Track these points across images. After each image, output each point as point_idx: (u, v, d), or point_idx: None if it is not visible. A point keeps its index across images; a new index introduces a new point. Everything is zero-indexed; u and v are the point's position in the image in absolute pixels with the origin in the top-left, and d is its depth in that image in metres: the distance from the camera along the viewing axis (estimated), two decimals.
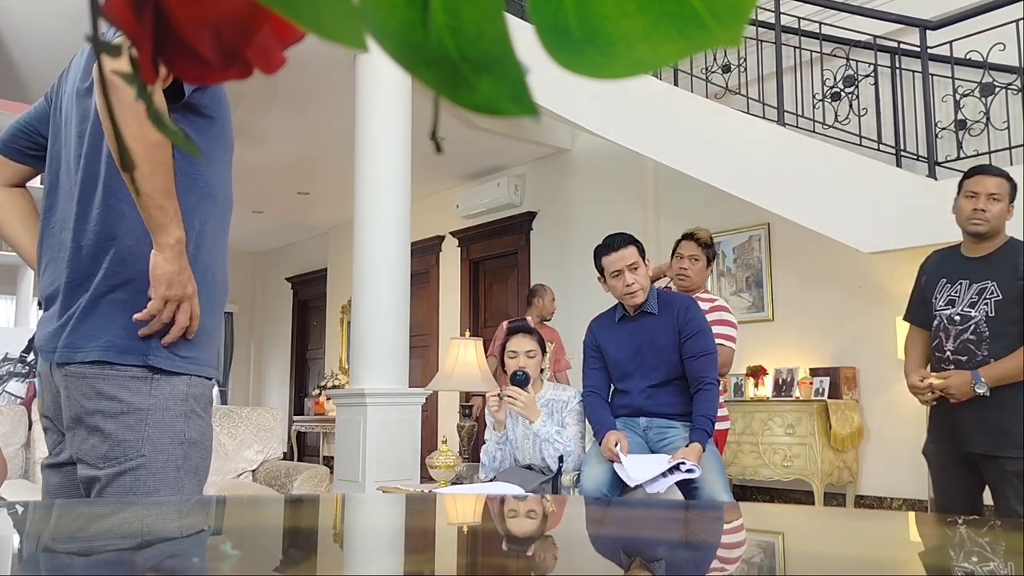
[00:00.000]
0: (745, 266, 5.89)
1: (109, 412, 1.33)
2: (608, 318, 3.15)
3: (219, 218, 1.49)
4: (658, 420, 2.98)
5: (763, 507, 1.60)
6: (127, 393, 1.34)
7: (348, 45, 0.24)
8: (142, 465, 1.33)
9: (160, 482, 1.34)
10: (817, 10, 4.94)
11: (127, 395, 1.34)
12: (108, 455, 1.33)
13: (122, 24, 0.26)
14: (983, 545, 0.69)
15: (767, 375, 5.45)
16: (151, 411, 1.34)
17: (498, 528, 0.82)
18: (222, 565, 0.56)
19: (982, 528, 0.78)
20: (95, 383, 1.34)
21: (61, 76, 1.58)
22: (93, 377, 1.34)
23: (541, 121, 5.93)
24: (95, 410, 1.33)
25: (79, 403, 1.35)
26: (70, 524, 0.78)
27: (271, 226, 10.15)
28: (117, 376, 1.34)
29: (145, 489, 1.33)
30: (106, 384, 1.34)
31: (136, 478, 1.33)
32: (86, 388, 1.34)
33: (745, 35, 0.26)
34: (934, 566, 0.62)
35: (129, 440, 1.33)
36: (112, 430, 1.33)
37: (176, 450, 1.36)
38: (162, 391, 1.35)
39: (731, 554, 0.67)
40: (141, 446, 1.33)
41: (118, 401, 1.33)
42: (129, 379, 1.34)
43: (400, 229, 4.69)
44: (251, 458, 4.52)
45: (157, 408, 1.35)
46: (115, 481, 1.33)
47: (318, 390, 9.25)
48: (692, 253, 3.48)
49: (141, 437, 1.33)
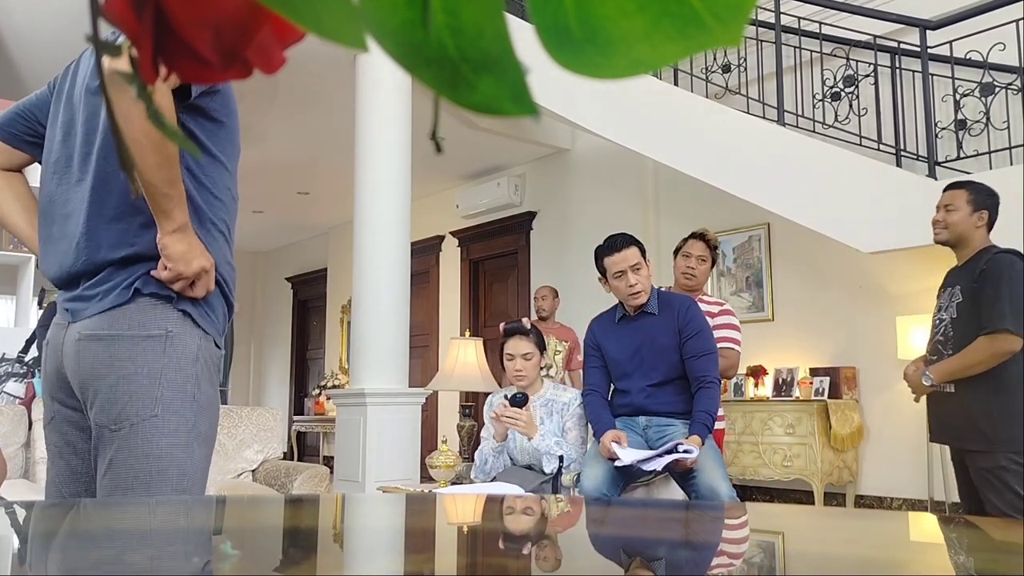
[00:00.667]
0: (745, 266, 5.89)
1: (122, 373, 1.35)
2: (608, 318, 3.15)
3: (231, 219, 1.52)
4: (657, 419, 2.98)
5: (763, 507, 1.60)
6: (140, 353, 1.36)
7: (348, 45, 0.24)
8: (154, 426, 1.35)
9: (172, 444, 1.36)
10: (817, 10, 4.94)
11: (140, 355, 1.36)
12: (120, 416, 1.35)
13: (122, 24, 0.26)
14: (974, 545, 0.70)
15: (767, 375, 5.45)
16: (164, 371, 1.36)
17: (498, 528, 0.82)
18: (222, 565, 0.56)
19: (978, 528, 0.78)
20: (110, 345, 1.36)
21: (68, 68, 1.58)
22: (108, 339, 1.36)
23: (541, 121, 5.93)
24: (108, 372, 1.36)
25: (92, 366, 1.37)
26: (69, 524, 0.78)
27: (271, 226, 10.15)
28: (131, 337, 1.36)
29: (156, 450, 1.35)
30: (120, 345, 1.36)
31: (147, 439, 1.35)
32: (100, 351, 1.36)
33: (745, 35, 0.26)
34: (934, 566, 0.62)
35: (142, 400, 1.35)
36: (124, 390, 1.35)
37: (187, 411, 1.38)
38: (175, 351, 1.38)
39: (731, 554, 0.67)
40: (154, 406, 1.35)
41: (130, 361, 1.35)
42: (144, 339, 1.36)
43: (400, 229, 4.69)
44: (251, 458, 4.51)
45: (170, 368, 1.37)
46: (128, 442, 1.35)
47: (318, 390, 9.25)
48: (700, 253, 3.48)
49: (154, 397, 1.35)
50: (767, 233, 5.74)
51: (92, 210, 1.41)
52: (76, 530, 0.75)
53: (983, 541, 0.72)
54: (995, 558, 0.64)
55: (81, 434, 1.46)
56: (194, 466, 1.39)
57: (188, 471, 1.37)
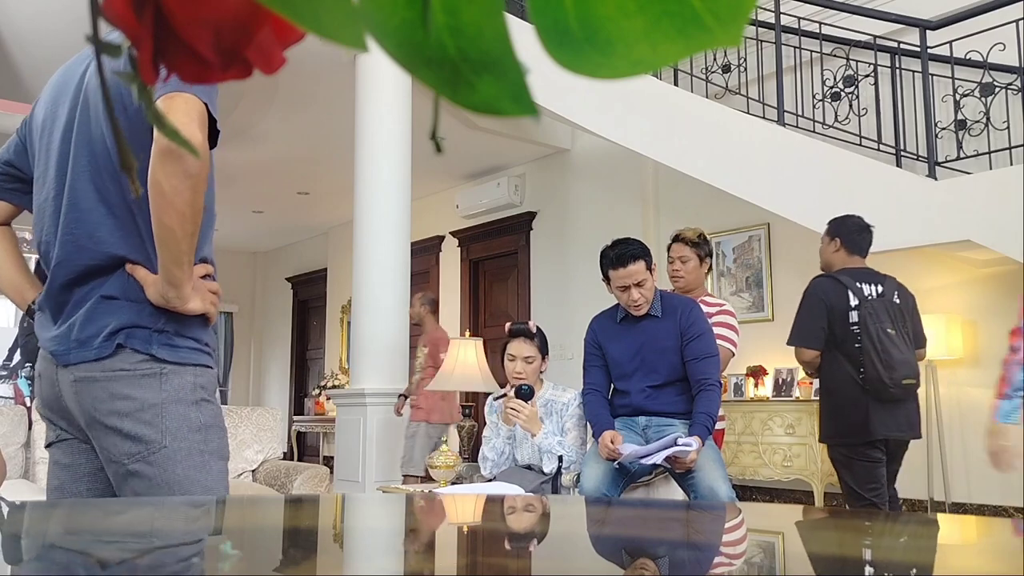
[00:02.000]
0: (745, 266, 5.89)
1: (124, 411, 1.37)
2: (610, 317, 3.14)
3: (209, 227, 1.51)
4: (657, 419, 2.98)
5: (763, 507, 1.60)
6: (139, 390, 1.37)
7: (348, 45, 0.24)
8: (167, 456, 1.37)
9: (188, 468, 1.39)
10: (817, 10, 4.94)
11: (139, 392, 1.37)
12: (131, 451, 1.37)
13: (122, 24, 0.26)
14: (987, 544, 0.70)
15: (767, 375, 5.45)
16: (164, 404, 1.38)
17: (498, 528, 0.82)
18: (222, 565, 0.56)
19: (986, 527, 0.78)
20: (108, 385, 1.37)
21: (35, 106, 1.57)
22: (105, 380, 1.38)
23: (541, 121, 5.93)
24: (111, 411, 1.37)
25: (93, 407, 1.38)
26: (70, 524, 0.78)
27: (271, 226, 10.14)
28: (128, 376, 1.38)
29: (175, 477, 1.37)
30: (118, 384, 1.37)
31: (164, 468, 1.37)
32: (98, 391, 1.38)
33: (745, 35, 0.26)
34: (934, 565, 0.62)
35: (149, 434, 1.37)
36: (131, 427, 1.37)
37: (195, 436, 1.40)
38: (172, 384, 1.39)
39: (731, 554, 0.67)
40: (163, 438, 1.37)
41: (131, 399, 1.37)
42: (140, 377, 1.38)
43: (400, 229, 4.70)
44: (251, 458, 4.52)
45: (169, 400, 1.39)
46: (145, 472, 1.37)
47: (318, 390, 9.25)
48: (681, 254, 3.49)
49: (161, 429, 1.37)
50: (767, 233, 5.74)
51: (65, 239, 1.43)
52: (76, 531, 0.75)
53: (984, 541, 0.72)
54: (995, 559, 0.64)
55: (83, 445, 1.47)
56: (214, 479, 1.42)
57: (210, 485, 1.40)
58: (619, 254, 2.98)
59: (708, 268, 3.58)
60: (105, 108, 1.40)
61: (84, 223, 1.41)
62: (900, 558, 0.64)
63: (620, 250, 3.00)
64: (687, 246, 3.48)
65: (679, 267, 3.49)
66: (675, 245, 3.52)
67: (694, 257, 3.48)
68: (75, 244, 1.42)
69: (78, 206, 1.42)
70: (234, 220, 9.71)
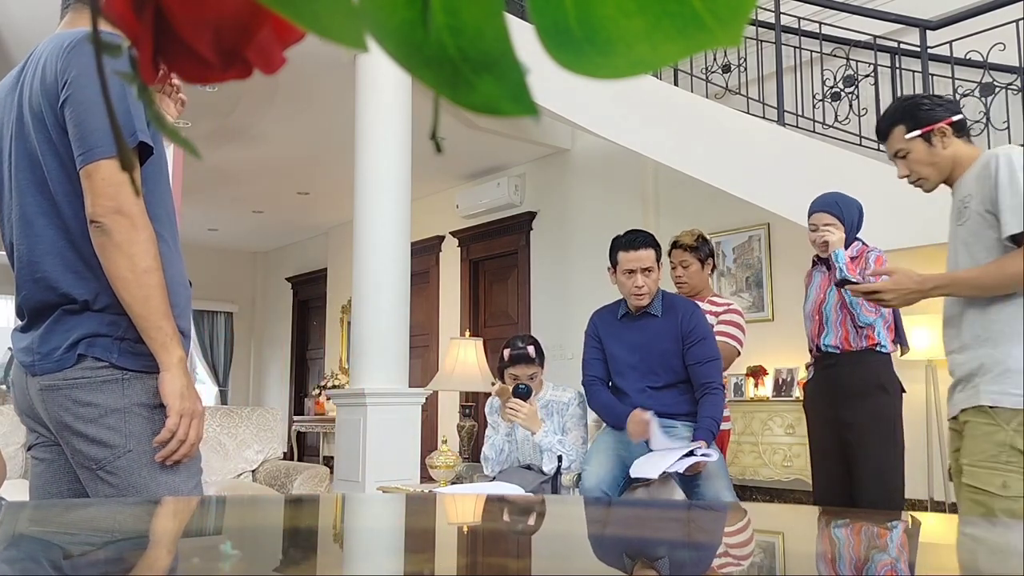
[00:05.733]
0: (745, 266, 5.89)
1: (88, 417, 1.40)
2: (611, 313, 3.13)
3: (170, 234, 1.50)
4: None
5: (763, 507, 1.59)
6: (101, 396, 1.40)
7: (348, 45, 0.24)
8: (132, 459, 1.40)
9: (154, 470, 1.41)
10: (817, 10, 4.94)
11: (102, 398, 1.40)
12: (97, 456, 1.40)
13: (122, 24, 0.26)
14: (992, 544, 0.70)
15: (767, 375, 5.44)
16: (127, 409, 1.41)
17: (498, 528, 0.82)
18: (222, 565, 0.56)
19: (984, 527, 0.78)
20: (70, 392, 1.40)
21: None
22: (67, 388, 1.40)
23: (541, 121, 5.93)
24: (76, 417, 1.40)
25: (59, 414, 1.41)
26: (66, 524, 0.78)
27: (271, 226, 10.14)
28: (89, 383, 1.40)
29: (141, 480, 1.40)
30: (80, 392, 1.40)
31: (130, 471, 1.40)
32: (62, 399, 1.41)
33: (745, 35, 0.26)
34: (935, 566, 0.62)
35: (113, 439, 1.40)
36: (95, 432, 1.40)
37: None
38: (134, 389, 1.42)
39: (731, 554, 0.67)
40: (126, 442, 1.40)
41: (94, 406, 1.40)
42: (101, 383, 1.40)
43: (400, 229, 4.69)
44: (251, 458, 4.52)
45: (132, 405, 1.41)
46: (113, 474, 1.40)
47: (318, 390, 9.24)
48: (680, 259, 3.50)
49: (124, 434, 1.40)
50: (767, 233, 5.73)
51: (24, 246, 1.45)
52: (71, 530, 0.75)
53: (985, 541, 0.72)
54: (997, 559, 0.64)
55: (60, 447, 1.49)
56: (182, 480, 1.44)
57: (178, 487, 1.42)
58: (632, 239, 3.03)
59: (712, 267, 3.58)
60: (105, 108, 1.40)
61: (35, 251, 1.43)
62: (900, 558, 0.64)
63: (633, 236, 3.05)
64: (686, 251, 3.48)
65: (681, 272, 3.49)
66: (674, 251, 3.52)
67: (695, 261, 3.48)
68: (32, 280, 1.45)
69: (31, 224, 1.44)
70: (234, 220, 9.71)
